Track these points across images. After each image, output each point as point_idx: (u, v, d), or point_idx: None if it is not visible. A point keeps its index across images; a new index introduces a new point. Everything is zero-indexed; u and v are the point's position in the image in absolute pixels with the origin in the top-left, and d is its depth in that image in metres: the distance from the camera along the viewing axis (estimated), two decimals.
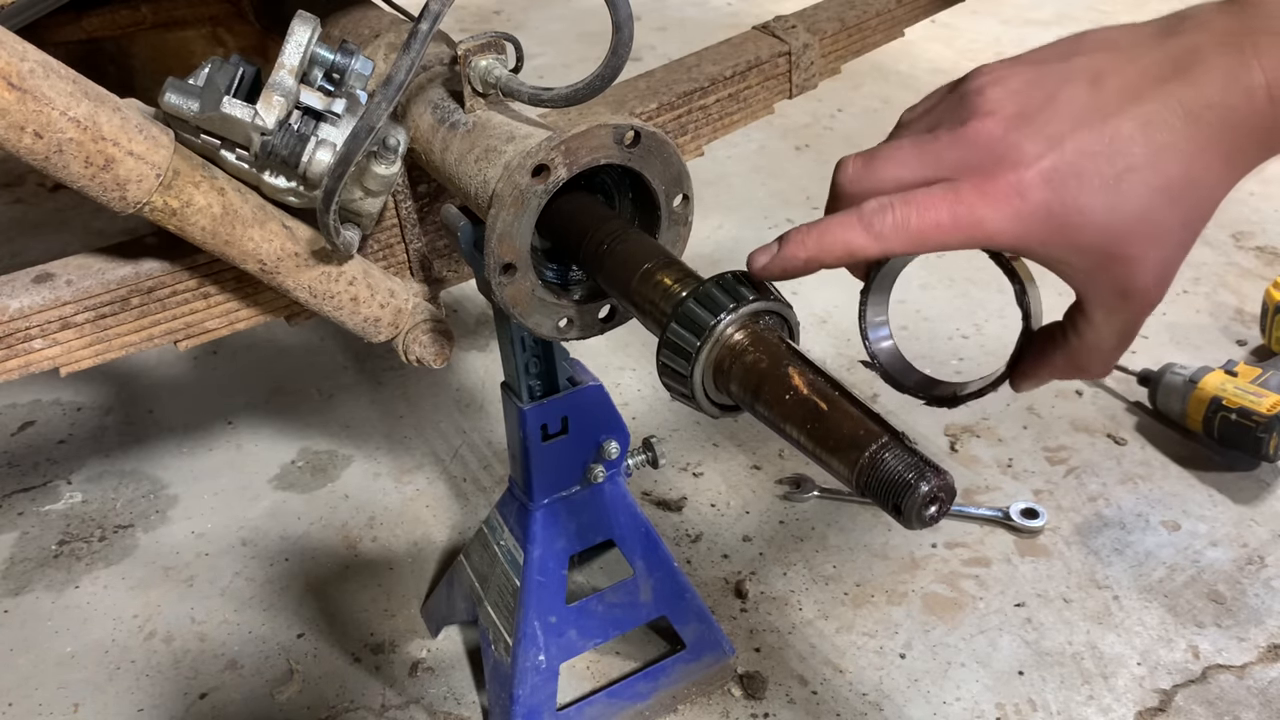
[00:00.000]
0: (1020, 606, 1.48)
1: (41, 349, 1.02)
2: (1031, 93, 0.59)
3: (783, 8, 1.48)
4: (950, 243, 0.59)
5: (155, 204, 0.94)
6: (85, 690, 1.45)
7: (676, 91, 1.27)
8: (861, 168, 0.64)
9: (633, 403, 1.90)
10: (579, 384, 1.21)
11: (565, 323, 0.96)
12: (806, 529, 1.62)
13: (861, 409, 0.61)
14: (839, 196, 0.65)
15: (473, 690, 1.41)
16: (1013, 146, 0.58)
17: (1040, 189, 0.57)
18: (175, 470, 1.84)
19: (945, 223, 0.59)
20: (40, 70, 0.86)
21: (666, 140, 0.90)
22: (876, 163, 0.63)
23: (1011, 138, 0.58)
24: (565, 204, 0.90)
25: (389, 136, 0.95)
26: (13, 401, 2.01)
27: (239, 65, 0.95)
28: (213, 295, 1.09)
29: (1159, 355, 1.91)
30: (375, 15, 1.26)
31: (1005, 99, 0.59)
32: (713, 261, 2.24)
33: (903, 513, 0.57)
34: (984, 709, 1.34)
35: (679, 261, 0.81)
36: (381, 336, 1.14)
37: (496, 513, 1.31)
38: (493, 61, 0.98)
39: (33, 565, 1.66)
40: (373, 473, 1.80)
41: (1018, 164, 0.57)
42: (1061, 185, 0.57)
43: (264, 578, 1.61)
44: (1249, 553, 1.54)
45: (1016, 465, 1.72)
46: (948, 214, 0.58)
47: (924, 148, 0.61)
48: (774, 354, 0.66)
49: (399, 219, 1.18)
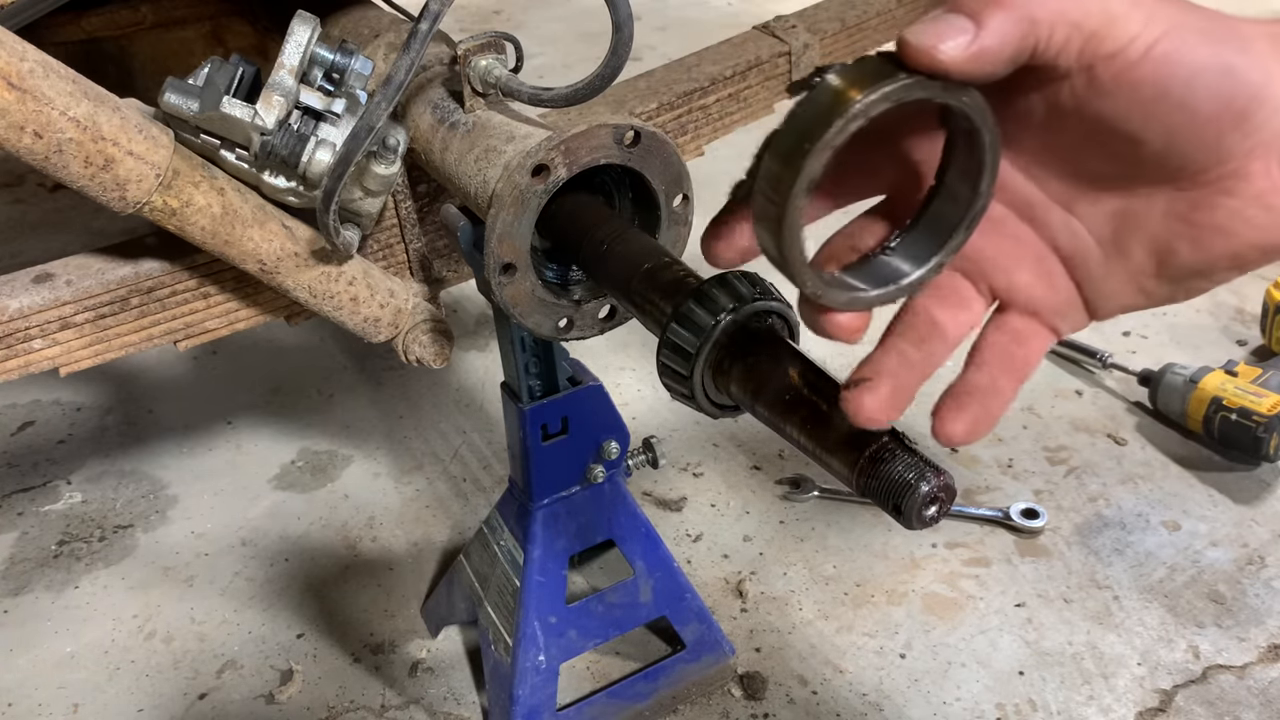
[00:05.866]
0: (1020, 606, 1.48)
1: (41, 349, 1.02)
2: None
3: (783, 8, 1.48)
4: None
5: (155, 204, 0.94)
6: (85, 690, 1.45)
7: (676, 91, 1.27)
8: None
9: (633, 403, 1.90)
10: (579, 384, 1.21)
11: (565, 323, 0.96)
12: (806, 529, 1.62)
13: None
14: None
15: (473, 690, 1.41)
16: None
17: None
18: (175, 470, 1.84)
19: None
20: (40, 70, 0.86)
21: (666, 140, 0.90)
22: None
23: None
24: (565, 204, 0.90)
25: (389, 136, 0.95)
26: (13, 401, 2.01)
27: (239, 65, 0.95)
28: (212, 295, 1.09)
29: (1159, 355, 1.91)
30: (375, 15, 1.26)
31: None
32: None
33: (903, 513, 0.57)
34: (984, 709, 1.34)
35: (679, 261, 0.81)
36: (381, 336, 1.14)
37: (496, 513, 1.31)
38: (492, 61, 0.98)
39: (32, 565, 1.66)
40: (373, 473, 1.80)
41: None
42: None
43: (264, 578, 1.61)
44: (1249, 553, 1.54)
45: (1017, 465, 1.72)
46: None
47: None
48: (774, 354, 0.66)
49: (399, 219, 1.18)
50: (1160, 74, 0.48)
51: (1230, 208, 0.50)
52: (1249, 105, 0.48)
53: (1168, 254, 0.53)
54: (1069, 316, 0.57)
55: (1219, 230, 0.51)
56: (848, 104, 0.46)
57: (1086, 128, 0.51)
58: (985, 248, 0.57)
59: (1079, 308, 0.57)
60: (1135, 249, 0.54)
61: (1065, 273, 0.56)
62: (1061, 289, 0.57)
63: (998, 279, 0.57)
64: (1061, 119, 0.52)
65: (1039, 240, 0.56)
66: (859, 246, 0.58)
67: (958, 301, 0.57)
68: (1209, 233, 0.51)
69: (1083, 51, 0.48)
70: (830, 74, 0.48)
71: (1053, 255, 0.56)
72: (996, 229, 0.56)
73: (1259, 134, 0.48)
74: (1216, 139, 0.48)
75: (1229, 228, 0.51)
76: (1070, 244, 0.56)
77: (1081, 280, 0.56)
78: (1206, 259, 0.52)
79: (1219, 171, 0.50)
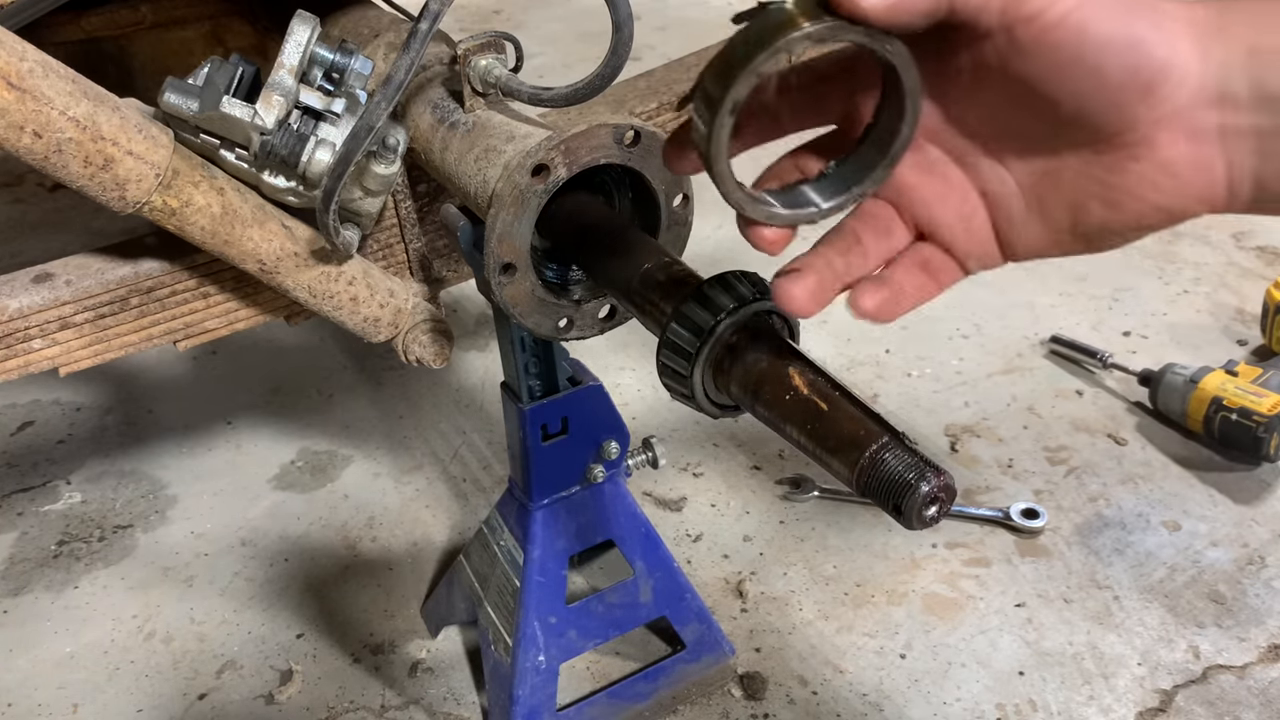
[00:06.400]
0: (1020, 607, 1.48)
1: (41, 349, 1.02)
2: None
3: None
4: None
5: (155, 204, 0.94)
6: (84, 690, 1.45)
7: (676, 91, 1.27)
8: None
9: (633, 403, 1.90)
10: (579, 384, 1.21)
11: (565, 323, 0.96)
12: (806, 529, 1.62)
13: (862, 409, 0.61)
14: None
15: (473, 690, 1.41)
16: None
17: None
18: (175, 470, 1.84)
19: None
20: (40, 70, 0.86)
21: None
22: None
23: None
24: (565, 204, 0.90)
25: (388, 136, 0.95)
26: (12, 401, 2.01)
27: (238, 65, 0.95)
28: (212, 295, 1.09)
29: (1159, 355, 1.91)
30: (375, 15, 1.26)
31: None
32: (713, 261, 2.23)
33: (903, 513, 0.57)
34: (984, 709, 1.34)
35: (679, 261, 0.81)
36: (381, 336, 1.14)
37: (496, 513, 1.31)
38: (492, 61, 0.98)
39: (32, 565, 1.66)
40: (373, 473, 1.80)
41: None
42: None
43: (264, 578, 1.61)
44: (1249, 553, 1.54)
45: (1017, 465, 1.72)
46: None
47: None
48: (774, 354, 0.66)
49: (399, 219, 1.18)
50: (1075, 40, 0.51)
51: (1138, 172, 0.54)
52: (1155, 77, 0.51)
53: (1081, 211, 0.56)
54: (980, 259, 0.61)
55: (1128, 192, 0.54)
56: (774, 38, 0.51)
57: (1010, 87, 0.54)
58: (917, 185, 0.60)
59: (993, 251, 0.61)
60: (1054, 204, 0.57)
61: (987, 218, 0.60)
62: (978, 234, 0.60)
63: (920, 213, 0.61)
64: (987, 76, 0.55)
65: (967, 183, 0.60)
66: (803, 169, 0.62)
67: (883, 229, 0.61)
68: (1119, 194, 0.55)
69: (1004, 11, 0.51)
70: (769, 9, 0.53)
71: (978, 199, 0.60)
72: (930, 169, 0.60)
73: (1165, 105, 0.51)
74: (1125, 106, 0.52)
75: (1136, 191, 0.54)
76: (998, 190, 0.59)
77: (1001, 224, 0.60)
78: (1116, 218, 0.56)
79: (1128, 138, 0.53)
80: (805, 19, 0.51)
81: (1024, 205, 0.58)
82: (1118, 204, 0.55)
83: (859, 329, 2.01)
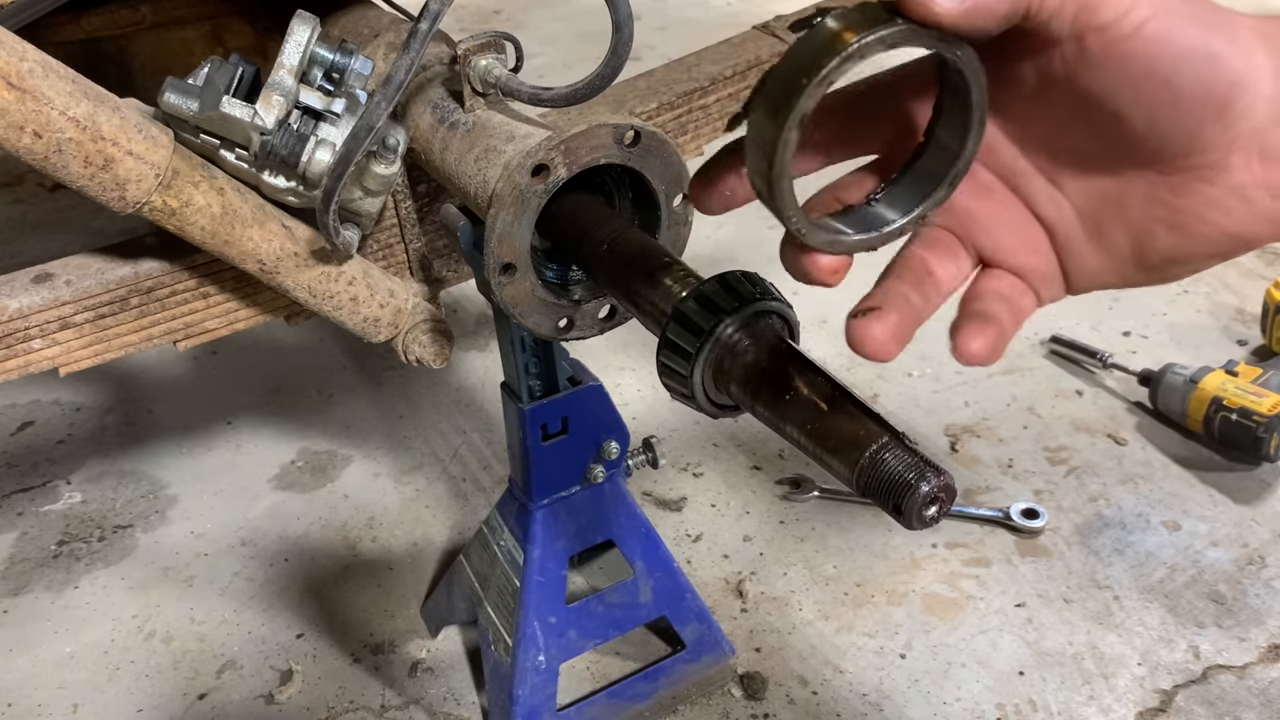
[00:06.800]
0: (1021, 607, 1.48)
1: (41, 349, 1.02)
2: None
3: (783, 8, 1.48)
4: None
5: (154, 204, 0.94)
6: (84, 690, 1.45)
7: (676, 91, 1.27)
8: None
9: (633, 403, 1.90)
10: (579, 384, 1.21)
11: (565, 323, 0.96)
12: (806, 529, 1.62)
13: (861, 409, 0.61)
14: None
15: (473, 690, 1.41)
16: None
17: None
18: (175, 470, 1.84)
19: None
20: (39, 70, 0.86)
21: (666, 140, 0.90)
22: None
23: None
24: (565, 204, 0.90)
25: (388, 136, 0.95)
26: (12, 401, 2.01)
27: (238, 65, 0.95)
28: (212, 295, 1.09)
29: (1159, 355, 1.91)
30: (375, 15, 1.26)
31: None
32: (713, 261, 2.24)
33: (903, 513, 0.57)
34: (984, 709, 1.34)
35: (679, 261, 0.81)
36: (381, 336, 1.14)
37: (496, 513, 1.31)
38: (492, 61, 0.98)
39: (32, 565, 1.66)
40: (372, 473, 1.80)
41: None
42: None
43: (264, 578, 1.61)
44: (1249, 553, 1.54)
45: (1017, 465, 1.72)
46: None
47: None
48: (774, 354, 0.66)
49: (399, 219, 1.18)
50: (1148, 51, 0.48)
51: (1209, 196, 0.51)
52: (1230, 92, 0.48)
53: (1146, 238, 0.53)
54: (1050, 285, 0.58)
55: (1197, 217, 0.51)
56: (844, 43, 0.48)
57: (1075, 100, 0.51)
58: (974, 210, 0.58)
59: (1059, 278, 0.58)
60: (1115, 230, 0.54)
61: (1049, 242, 0.57)
62: (1044, 257, 0.58)
63: (983, 240, 0.59)
64: (1051, 88, 0.52)
65: (1024, 209, 0.57)
66: (845, 199, 0.59)
67: (950, 257, 0.59)
68: (1187, 219, 0.52)
69: (1076, 19, 0.48)
70: (830, 16, 0.50)
71: (1037, 224, 0.57)
72: (984, 194, 0.58)
73: (1240, 125, 0.49)
74: (1198, 125, 0.49)
75: (1207, 216, 0.51)
76: (1054, 215, 0.56)
77: (1062, 252, 0.57)
78: (1184, 246, 0.53)
79: (1200, 160, 0.50)
80: (874, 24, 0.48)
81: (1082, 232, 0.56)
82: (1186, 230, 0.52)
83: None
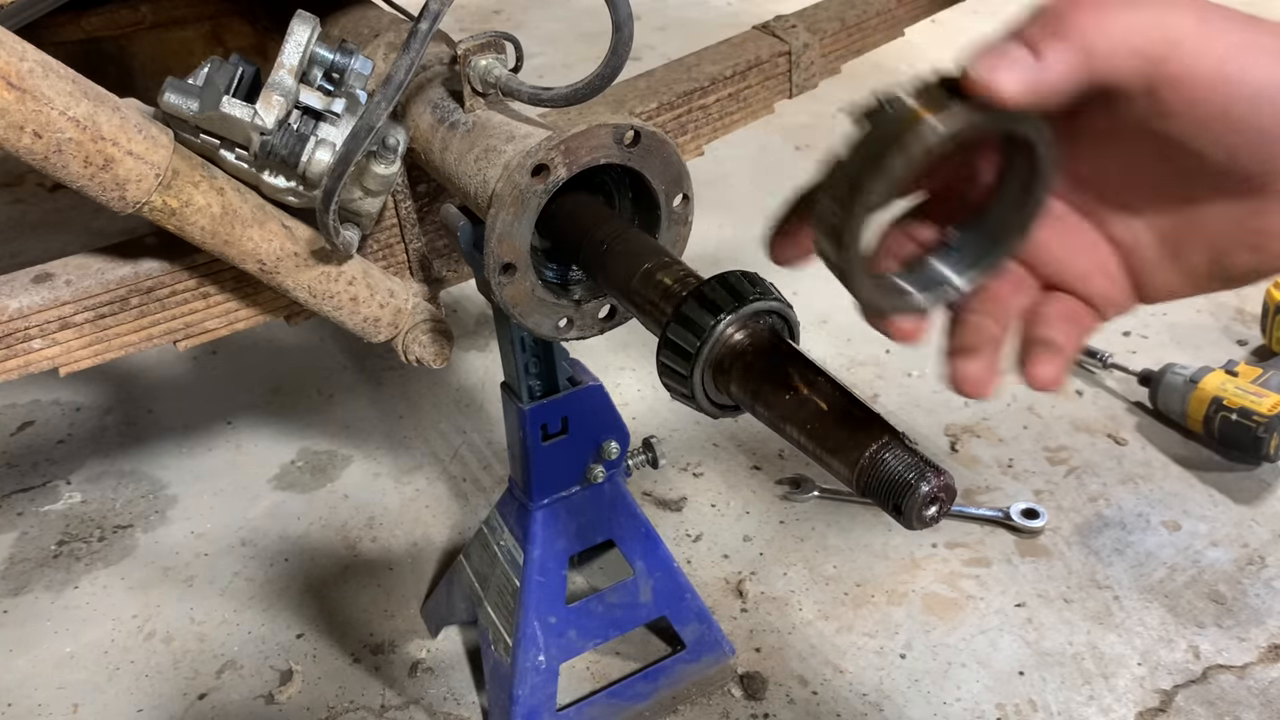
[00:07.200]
0: (1021, 607, 1.48)
1: (41, 349, 1.02)
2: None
3: (783, 7, 1.48)
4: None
5: (155, 204, 0.94)
6: (84, 690, 1.45)
7: (676, 91, 1.27)
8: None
9: (633, 403, 1.90)
10: (579, 384, 1.21)
11: (565, 323, 0.96)
12: (806, 529, 1.62)
13: (861, 409, 0.61)
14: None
15: (473, 690, 1.41)
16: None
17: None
18: (175, 470, 1.84)
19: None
20: (39, 70, 0.86)
21: (666, 140, 0.90)
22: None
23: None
24: (565, 204, 0.90)
25: (388, 136, 0.95)
26: (12, 401, 2.01)
27: (238, 65, 0.95)
28: (212, 295, 1.09)
29: (1159, 355, 1.91)
30: (375, 15, 1.26)
31: None
32: (713, 261, 2.23)
33: (903, 513, 0.57)
34: (984, 709, 1.34)
35: (679, 261, 0.81)
36: (381, 336, 1.14)
37: (496, 513, 1.31)
38: (492, 61, 0.98)
39: (32, 565, 1.66)
40: (373, 473, 1.80)
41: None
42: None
43: (264, 578, 1.61)
44: (1249, 553, 1.54)
45: (1017, 465, 1.72)
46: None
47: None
48: (774, 354, 0.66)
49: (399, 219, 1.18)
50: (1225, 94, 0.48)
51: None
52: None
53: (1225, 257, 0.54)
54: (1117, 305, 0.59)
55: (1275, 237, 0.52)
56: (914, 141, 0.48)
57: (1150, 143, 0.52)
58: (1046, 241, 0.58)
59: (1127, 296, 0.59)
60: (1192, 250, 0.55)
61: (1119, 265, 0.58)
62: (1113, 279, 0.58)
63: (1052, 269, 0.59)
64: (1124, 133, 0.52)
65: (1096, 234, 0.58)
66: (917, 237, 0.59)
67: (1020, 285, 0.59)
68: (1266, 239, 0.52)
69: (1147, 76, 0.48)
70: (895, 104, 0.50)
71: (1109, 248, 0.58)
72: (1057, 224, 0.58)
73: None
74: (1277, 155, 0.49)
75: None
76: (1127, 238, 0.57)
77: (1136, 270, 0.58)
78: (1263, 262, 0.54)
79: (1277, 185, 0.50)
80: (935, 111, 0.48)
81: (1158, 253, 0.56)
82: (1266, 250, 0.53)
83: (859, 329, 2.00)
